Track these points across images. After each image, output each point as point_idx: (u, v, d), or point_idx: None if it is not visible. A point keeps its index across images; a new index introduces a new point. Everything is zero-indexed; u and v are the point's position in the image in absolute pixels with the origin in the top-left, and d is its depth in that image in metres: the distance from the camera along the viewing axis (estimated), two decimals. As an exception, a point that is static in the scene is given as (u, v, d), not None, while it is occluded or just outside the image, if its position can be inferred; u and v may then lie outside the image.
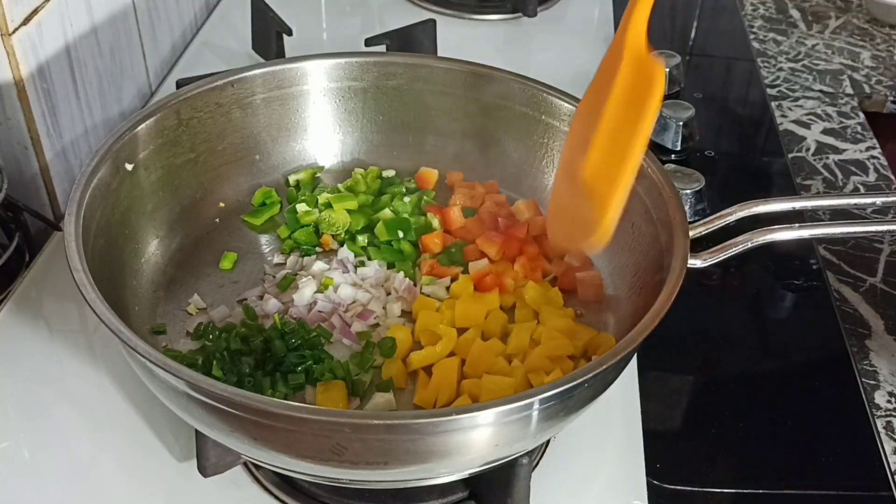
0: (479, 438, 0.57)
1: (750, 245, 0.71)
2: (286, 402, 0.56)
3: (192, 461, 0.66)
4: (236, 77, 0.83)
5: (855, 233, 0.79)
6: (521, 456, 0.62)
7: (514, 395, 0.56)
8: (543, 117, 0.84)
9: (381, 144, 0.91)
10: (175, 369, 0.54)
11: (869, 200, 0.83)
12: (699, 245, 0.71)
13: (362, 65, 0.88)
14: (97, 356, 0.76)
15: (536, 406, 0.56)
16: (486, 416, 0.55)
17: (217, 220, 0.85)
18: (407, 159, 0.91)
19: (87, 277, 0.60)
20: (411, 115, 0.90)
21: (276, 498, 0.67)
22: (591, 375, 0.56)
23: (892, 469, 0.72)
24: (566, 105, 0.83)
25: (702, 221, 0.73)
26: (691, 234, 0.69)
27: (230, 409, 0.55)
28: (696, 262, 0.68)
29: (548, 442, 0.71)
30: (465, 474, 0.62)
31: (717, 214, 0.73)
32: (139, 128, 0.76)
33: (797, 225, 0.73)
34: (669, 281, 0.63)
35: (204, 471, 0.65)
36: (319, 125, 0.89)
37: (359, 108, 0.90)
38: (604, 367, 0.56)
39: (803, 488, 0.71)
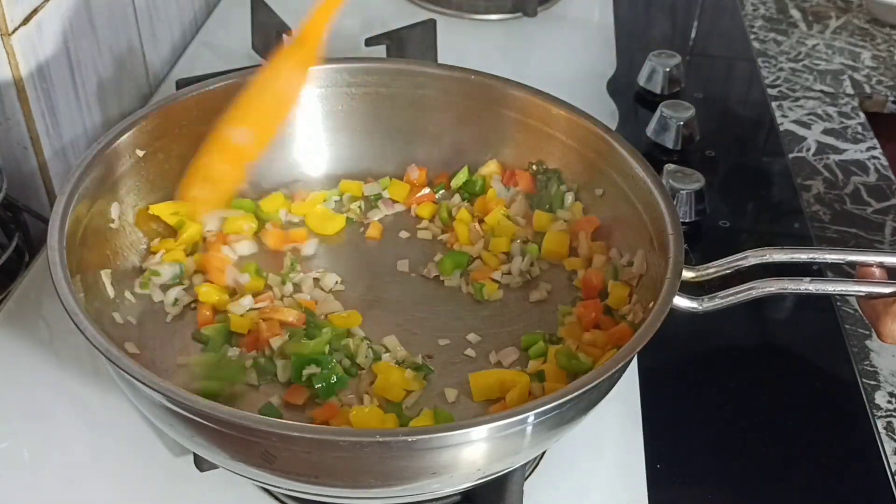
0: (418, 464, 0.56)
1: (753, 294, 0.68)
2: (215, 403, 0.54)
3: (189, 456, 0.67)
4: (227, 82, 0.81)
5: (859, 292, 0.74)
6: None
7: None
8: (539, 125, 0.83)
9: (372, 151, 0.90)
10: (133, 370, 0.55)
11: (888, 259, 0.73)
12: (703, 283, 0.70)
13: (353, 71, 0.86)
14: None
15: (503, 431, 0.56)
16: (440, 441, 0.54)
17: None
18: (398, 166, 0.90)
19: (69, 290, 0.60)
20: (404, 121, 0.88)
21: (272, 495, 0.67)
22: (552, 405, 0.55)
23: (893, 469, 0.72)
24: (562, 113, 0.81)
25: (708, 266, 0.71)
26: (699, 275, 0.68)
27: (169, 405, 0.55)
28: (693, 306, 0.67)
29: (548, 442, 0.71)
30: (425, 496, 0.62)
31: (727, 260, 0.71)
32: (122, 138, 0.74)
33: (808, 279, 0.69)
34: (649, 320, 0.61)
35: (200, 465, 0.65)
36: (309, 132, 0.88)
37: (350, 115, 0.88)
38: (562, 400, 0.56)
39: (803, 488, 0.71)
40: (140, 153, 0.77)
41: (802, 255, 0.72)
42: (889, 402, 0.78)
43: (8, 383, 0.74)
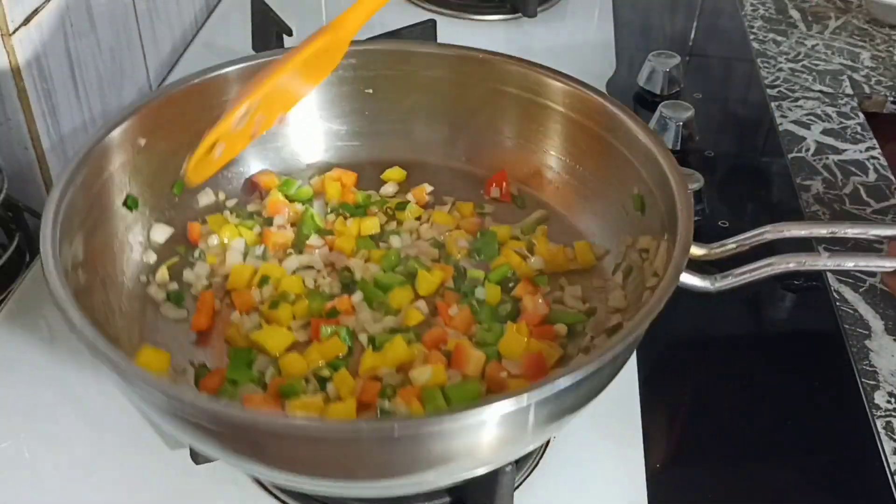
0: (401, 457, 0.55)
1: (771, 271, 0.65)
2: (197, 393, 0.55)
3: (185, 450, 0.67)
4: (227, 70, 0.81)
5: (882, 266, 0.70)
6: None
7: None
8: (539, 99, 0.82)
9: (368, 136, 0.89)
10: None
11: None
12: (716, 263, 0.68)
13: (367, 53, 0.85)
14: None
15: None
16: (435, 424, 0.53)
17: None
18: (395, 150, 0.89)
19: (68, 297, 0.59)
20: (418, 104, 0.87)
21: (267, 491, 0.67)
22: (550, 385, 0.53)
23: (892, 469, 0.72)
24: (560, 85, 0.81)
25: (723, 243, 0.68)
26: (711, 253, 0.66)
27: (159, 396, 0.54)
28: (705, 285, 0.64)
29: (547, 441, 0.71)
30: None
31: (744, 236, 0.68)
32: (123, 126, 0.73)
33: (826, 254, 0.66)
34: (655, 296, 0.59)
35: (196, 458, 0.66)
36: (303, 118, 0.87)
37: (363, 99, 0.87)
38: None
39: (803, 488, 0.71)
40: (142, 142, 0.76)
41: (822, 230, 0.69)
42: (888, 401, 0.78)
43: (8, 383, 0.75)
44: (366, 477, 0.57)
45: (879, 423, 0.76)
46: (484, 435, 0.55)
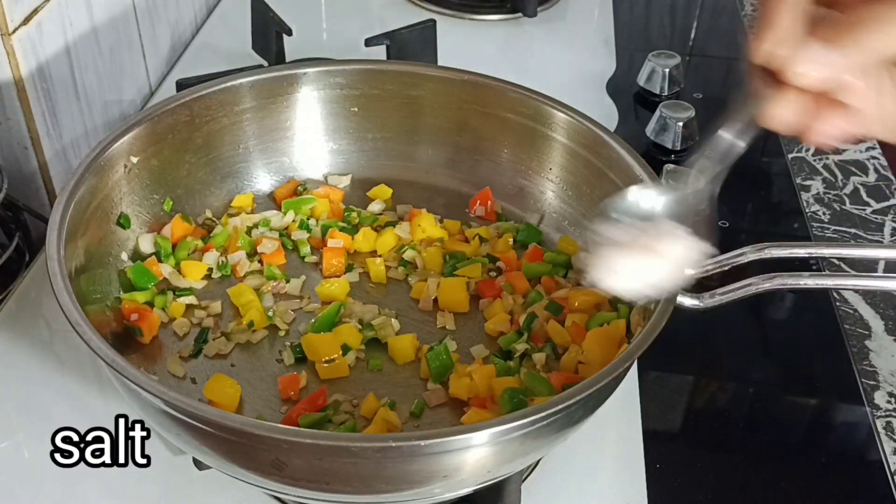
0: (430, 468, 0.56)
1: (752, 290, 0.68)
2: (223, 411, 0.55)
3: (188, 456, 0.67)
4: (219, 87, 0.82)
5: (857, 286, 0.74)
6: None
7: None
8: (539, 127, 0.83)
9: (354, 154, 0.90)
10: (145, 383, 0.55)
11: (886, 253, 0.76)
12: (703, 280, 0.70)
13: (354, 72, 0.86)
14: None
15: (482, 440, 0.55)
16: (438, 446, 0.54)
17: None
18: (381, 168, 0.90)
19: (69, 297, 0.60)
20: (404, 124, 0.88)
21: (269, 495, 0.67)
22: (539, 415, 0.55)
23: (892, 469, 0.72)
24: (560, 115, 0.81)
25: (706, 263, 0.70)
26: (697, 272, 0.68)
27: (177, 414, 0.55)
28: (695, 303, 0.67)
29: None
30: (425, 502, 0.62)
31: (726, 257, 0.70)
32: (117, 144, 0.74)
33: (807, 273, 0.70)
34: (654, 318, 0.61)
35: (199, 464, 0.66)
36: (307, 134, 0.88)
37: (349, 117, 0.88)
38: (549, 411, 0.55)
39: (803, 488, 0.71)
40: (134, 160, 0.76)
41: (800, 251, 0.73)
42: (888, 401, 0.78)
43: (8, 383, 0.74)
44: (380, 490, 0.57)
45: (879, 423, 0.76)
46: (491, 450, 0.57)
